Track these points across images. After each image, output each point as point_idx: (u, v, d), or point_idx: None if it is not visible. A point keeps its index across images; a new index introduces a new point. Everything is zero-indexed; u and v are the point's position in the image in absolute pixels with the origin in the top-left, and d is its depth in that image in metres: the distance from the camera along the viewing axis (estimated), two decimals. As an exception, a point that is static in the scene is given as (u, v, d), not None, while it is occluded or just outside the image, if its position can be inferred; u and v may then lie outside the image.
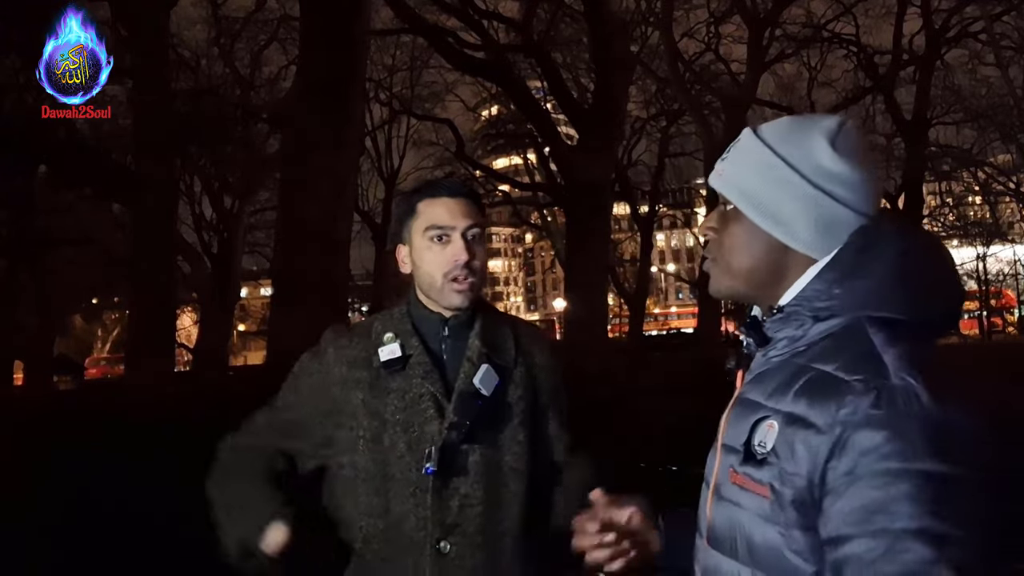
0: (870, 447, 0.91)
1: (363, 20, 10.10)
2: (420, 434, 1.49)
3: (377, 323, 1.61)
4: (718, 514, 1.08)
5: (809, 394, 0.98)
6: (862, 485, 0.91)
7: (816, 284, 1.05)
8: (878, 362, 0.96)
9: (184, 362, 30.24)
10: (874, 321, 1.01)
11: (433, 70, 25.41)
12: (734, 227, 1.12)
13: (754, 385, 1.09)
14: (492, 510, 1.49)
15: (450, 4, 17.22)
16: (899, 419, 0.91)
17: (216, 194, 24.76)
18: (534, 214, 32.11)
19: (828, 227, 1.06)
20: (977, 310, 37.47)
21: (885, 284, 1.02)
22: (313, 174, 9.20)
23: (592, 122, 15.61)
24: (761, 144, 1.10)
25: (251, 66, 23.39)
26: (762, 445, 1.01)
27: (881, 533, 0.89)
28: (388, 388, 1.52)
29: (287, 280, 9.60)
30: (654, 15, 21.71)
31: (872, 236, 1.05)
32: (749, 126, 1.14)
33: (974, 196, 29.71)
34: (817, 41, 23.51)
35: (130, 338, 15.30)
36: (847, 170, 1.06)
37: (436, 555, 1.47)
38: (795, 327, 1.06)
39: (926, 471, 0.89)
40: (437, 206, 1.55)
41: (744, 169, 1.10)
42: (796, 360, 1.05)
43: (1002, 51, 20.56)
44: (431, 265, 1.54)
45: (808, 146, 1.07)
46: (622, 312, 36.29)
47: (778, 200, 1.07)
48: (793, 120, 1.13)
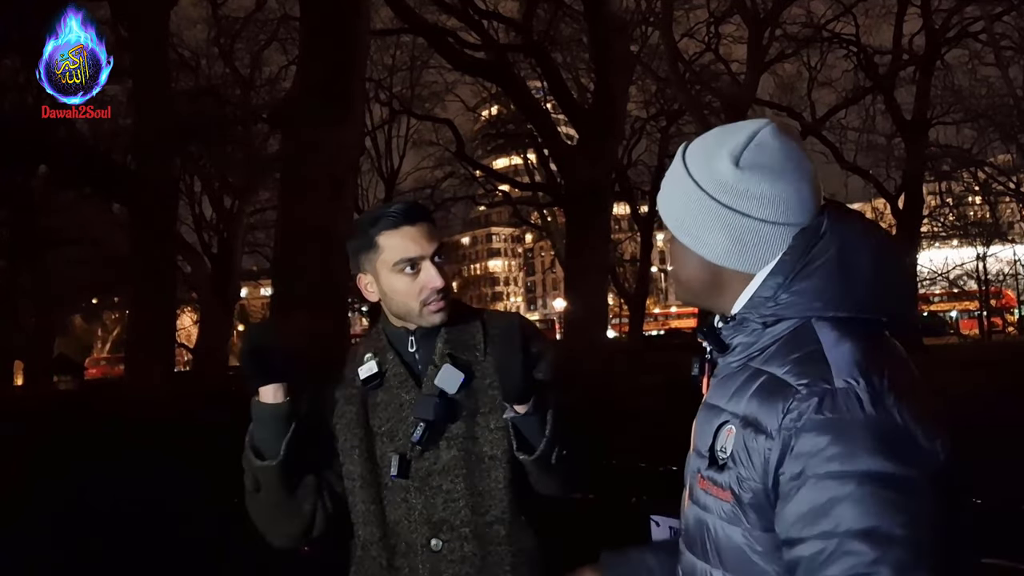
0: (814, 451, 0.93)
1: (363, 20, 10.10)
2: (405, 442, 1.54)
3: (361, 346, 1.68)
4: (691, 517, 1.12)
5: (760, 398, 1.01)
6: (808, 489, 0.93)
7: (763, 291, 1.06)
8: (823, 365, 0.98)
9: (184, 362, 30.26)
10: (823, 322, 1.03)
11: (433, 70, 25.43)
12: (674, 245, 1.14)
13: (716, 390, 1.12)
14: (476, 501, 1.52)
15: (450, 4, 17.23)
16: (842, 423, 0.93)
17: (216, 194, 24.76)
18: (534, 214, 32.14)
19: (750, 243, 1.06)
20: (977, 310, 37.47)
21: (829, 284, 1.02)
22: (313, 174, 9.19)
23: (592, 122, 15.62)
24: (681, 164, 1.11)
25: (251, 66, 23.38)
26: (723, 450, 1.04)
27: (826, 535, 0.92)
28: (375, 403, 1.59)
29: (287, 280, 9.60)
30: (654, 15, 21.70)
31: (811, 239, 1.04)
32: (685, 143, 1.14)
33: (974, 196, 29.69)
34: (817, 41, 23.50)
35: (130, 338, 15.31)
36: (753, 186, 1.04)
37: (428, 554, 1.52)
38: (747, 333, 1.08)
39: (869, 472, 0.91)
40: (400, 237, 1.56)
41: (668, 191, 1.12)
42: (751, 364, 1.07)
43: (1002, 51, 20.54)
44: (405, 296, 1.57)
45: (713, 165, 1.07)
46: (622, 312, 36.30)
47: (695, 221, 1.08)
48: (710, 136, 1.12)
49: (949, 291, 37.14)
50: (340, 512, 1.60)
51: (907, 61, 22.84)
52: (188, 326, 33.19)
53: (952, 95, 23.26)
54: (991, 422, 7.77)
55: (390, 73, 25.65)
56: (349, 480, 1.58)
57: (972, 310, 39.18)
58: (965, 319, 40.86)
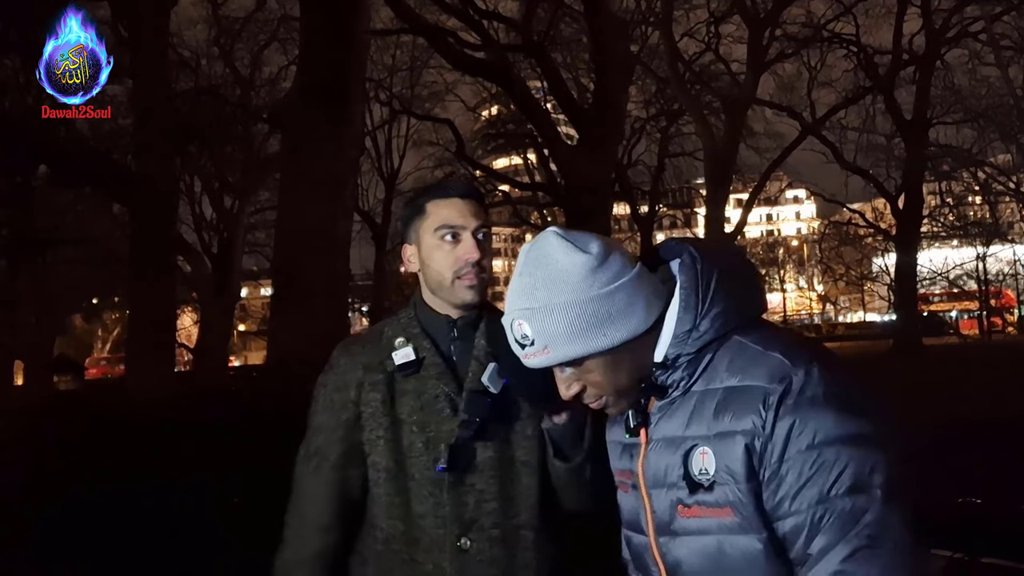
0: (793, 431, 1.04)
1: (363, 20, 10.09)
2: (436, 433, 1.52)
3: (387, 329, 1.65)
4: (680, 550, 1.13)
5: (726, 410, 1.09)
6: (796, 463, 1.04)
7: (681, 327, 1.14)
8: (773, 361, 1.09)
9: (184, 362, 30.25)
10: (740, 331, 1.15)
11: (433, 70, 25.41)
12: (592, 372, 1.17)
13: (662, 426, 1.17)
14: (507, 504, 1.52)
15: (450, 4, 17.22)
16: (815, 401, 1.05)
17: (216, 194, 24.74)
18: (534, 214, 32.07)
19: (628, 306, 1.13)
20: (977, 310, 37.47)
21: (730, 301, 1.15)
22: (313, 174, 9.18)
23: (592, 122, 15.60)
24: (540, 311, 1.14)
25: (251, 66, 23.38)
26: (703, 472, 1.10)
27: (822, 500, 1.02)
28: (404, 390, 1.56)
29: (287, 280, 9.59)
30: (654, 15, 21.71)
31: (692, 271, 1.16)
32: (510, 318, 1.18)
33: (974, 196, 29.72)
34: (817, 41, 23.51)
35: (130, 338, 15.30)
36: (584, 263, 1.12)
37: (456, 552, 1.50)
38: (682, 369, 1.15)
39: (847, 435, 1.03)
40: (448, 206, 1.58)
41: (555, 337, 1.14)
42: (696, 389, 1.14)
43: (1002, 51, 20.58)
44: (441, 264, 1.57)
45: (556, 275, 1.13)
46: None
47: (591, 328, 1.12)
48: (526, 279, 1.18)
49: (949, 291, 37.17)
50: (361, 505, 1.58)
51: (907, 61, 22.86)
52: (188, 326, 33.17)
53: (952, 95, 23.30)
54: (990, 422, 7.77)
55: (390, 73, 25.66)
56: (373, 471, 1.56)
57: (972, 310, 39.18)
58: (965, 319, 40.87)
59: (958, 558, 3.55)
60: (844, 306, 59.26)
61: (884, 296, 37.58)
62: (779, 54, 23.22)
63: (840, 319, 56.95)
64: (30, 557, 4.87)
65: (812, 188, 30.90)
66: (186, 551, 4.66)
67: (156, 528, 5.02)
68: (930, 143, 23.79)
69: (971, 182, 27.44)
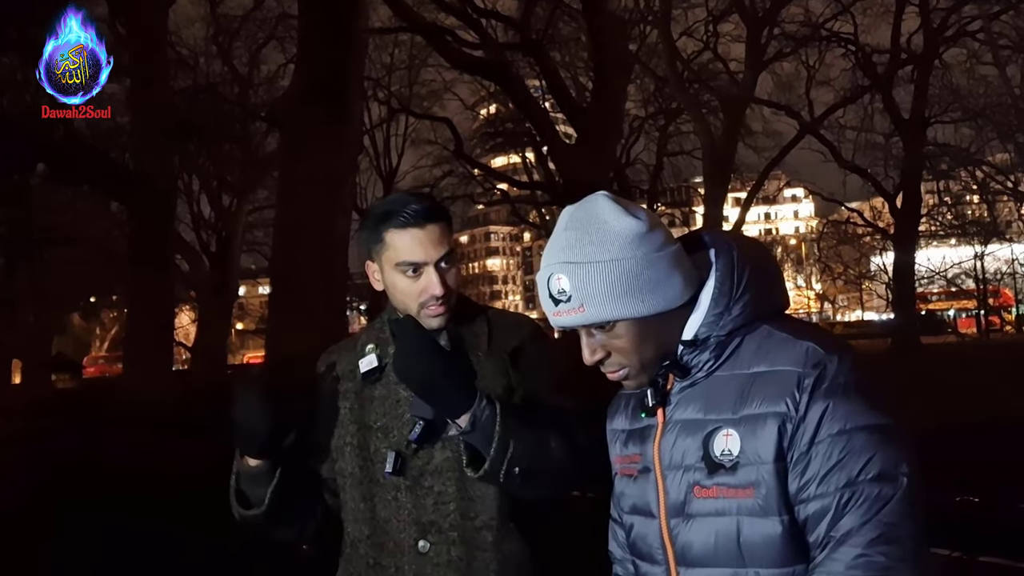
0: (826, 416, 1.07)
1: (362, 18, 10.10)
2: (400, 438, 1.51)
3: (363, 335, 1.66)
4: (693, 533, 1.14)
5: (756, 394, 1.11)
6: (822, 448, 1.06)
7: (715, 309, 1.17)
8: (803, 347, 1.11)
9: (182, 360, 30.24)
10: (769, 320, 1.18)
11: (431, 68, 25.38)
12: (621, 339, 1.16)
13: (683, 408, 1.18)
14: (466, 504, 1.50)
15: (448, 3, 17.22)
16: (847, 388, 1.08)
17: (214, 192, 24.74)
18: (532, 213, 32.07)
19: (668, 276, 1.14)
20: (975, 309, 37.52)
21: (760, 290, 1.18)
22: (311, 173, 9.19)
23: (590, 121, 15.62)
24: (583, 266, 1.13)
25: (249, 64, 23.39)
26: (726, 453, 1.11)
27: (848, 485, 1.05)
28: (372, 397, 1.56)
29: (286, 278, 9.60)
30: (652, 14, 21.73)
31: (728, 257, 1.18)
32: (547, 272, 1.16)
33: (972, 195, 29.70)
34: (815, 40, 23.52)
35: (128, 336, 15.32)
36: (633, 226, 1.12)
37: (415, 555, 1.50)
38: (710, 351, 1.16)
39: (871, 425, 1.07)
40: (407, 238, 1.52)
41: (593, 295, 1.13)
42: (720, 374, 1.16)
43: (1000, 50, 20.61)
44: (405, 294, 1.54)
45: (608, 233, 1.12)
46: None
47: (631, 291, 1.12)
48: (571, 234, 1.16)
49: (947, 290, 37.17)
50: (337, 509, 1.59)
51: (905, 60, 22.86)
52: (186, 324, 33.15)
53: (950, 94, 23.31)
54: (988, 420, 7.79)
55: (388, 71, 25.64)
56: (340, 477, 1.57)
57: (970, 309, 39.23)
58: (963, 318, 40.92)
59: (956, 557, 3.57)
60: (842, 305, 59.30)
61: (882, 295, 37.54)
62: (777, 53, 23.23)
63: (838, 318, 56.98)
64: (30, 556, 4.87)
65: (810, 187, 30.88)
66: (185, 551, 4.67)
67: (156, 527, 5.02)
68: (928, 142, 23.79)
69: (969, 181, 27.43)
